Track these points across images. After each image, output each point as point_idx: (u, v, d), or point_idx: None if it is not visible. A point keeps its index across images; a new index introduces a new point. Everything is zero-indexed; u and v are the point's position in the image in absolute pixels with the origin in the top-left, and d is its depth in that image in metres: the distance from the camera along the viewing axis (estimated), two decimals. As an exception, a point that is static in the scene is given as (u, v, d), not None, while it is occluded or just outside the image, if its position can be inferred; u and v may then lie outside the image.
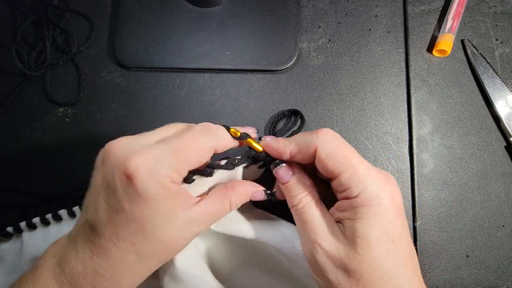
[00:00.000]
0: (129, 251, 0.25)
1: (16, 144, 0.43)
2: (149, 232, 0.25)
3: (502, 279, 0.41)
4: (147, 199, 0.25)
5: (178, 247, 0.27)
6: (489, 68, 0.44)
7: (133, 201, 0.25)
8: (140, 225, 0.25)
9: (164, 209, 0.26)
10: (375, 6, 0.47)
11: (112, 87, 0.44)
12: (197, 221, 0.27)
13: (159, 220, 0.25)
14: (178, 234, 0.27)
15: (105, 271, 0.25)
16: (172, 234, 0.26)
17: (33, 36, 0.45)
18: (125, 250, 0.25)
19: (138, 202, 0.25)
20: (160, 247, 0.26)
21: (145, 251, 0.26)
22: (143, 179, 0.24)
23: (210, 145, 0.28)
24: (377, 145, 0.43)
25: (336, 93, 0.44)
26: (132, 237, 0.25)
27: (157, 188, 0.25)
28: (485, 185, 0.43)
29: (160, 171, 0.25)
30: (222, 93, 0.44)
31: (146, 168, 0.25)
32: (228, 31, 0.45)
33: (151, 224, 0.25)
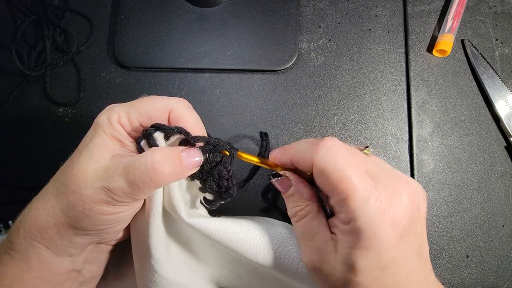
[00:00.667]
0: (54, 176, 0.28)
1: (16, 144, 0.43)
2: (73, 161, 0.27)
3: (502, 279, 0.41)
4: (94, 125, 0.28)
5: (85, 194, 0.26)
6: (489, 68, 0.44)
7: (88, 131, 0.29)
8: (77, 150, 0.28)
9: (97, 139, 0.27)
10: (375, 6, 0.47)
11: (112, 87, 0.44)
12: (112, 172, 0.26)
13: (86, 150, 0.27)
14: (90, 175, 0.26)
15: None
16: (84, 172, 0.26)
17: (33, 36, 0.45)
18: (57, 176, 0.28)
19: (89, 129, 0.29)
20: (71, 181, 0.26)
21: (62, 181, 0.27)
22: (101, 112, 0.28)
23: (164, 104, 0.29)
24: (377, 145, 0.43)
25: (336, 93, 0.44)
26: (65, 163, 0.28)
27: (104, 119, 0.28)
28: (485, 185, 0.43)
29: (114, 109, 0.28)
30: (222, 93, 0.44)
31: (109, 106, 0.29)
32: (228, 31, 0.45)
33: (79, 151, 0.28)
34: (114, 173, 0.26)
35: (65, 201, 0.26)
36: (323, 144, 0.26)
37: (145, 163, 0.25)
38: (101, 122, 0.28)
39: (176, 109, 0.29)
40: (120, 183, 0.25)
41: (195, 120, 0.29)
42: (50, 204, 0.27)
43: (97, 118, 0.28)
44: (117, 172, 0.26)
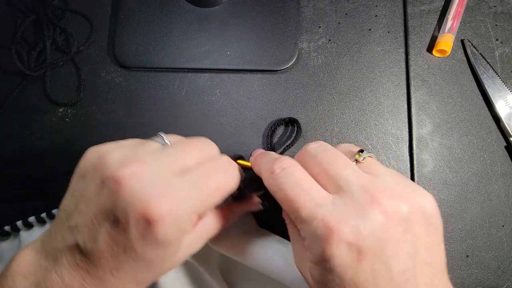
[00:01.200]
0: (129, 281, 0.24)
1: (16, 144, 0.43)
2: (155, 265, 0.24)
3: (502, 279, 0.41)
4: (165, 245, 0.23)
5: (173, 268, 0.26)
6: (489, 68, 0.44)
7: (147, 245, 0.22)
8: (148, 262, 0.23)
9: (176, 246, 0.24)
10: (375, 6, 0.47)
11: (112, 87, 0.44)
12: (196, 242, 0.26)
13: (169, 256, 0.24)
14: (179, 260, 0.26)
15: None
16: (175, 262, 0.25)
17: (33, 36, 0.45)
18: (126, 281, 0.23)
19: (154, 246, 0.22)
20: (160, 273, 0.25)
21: (145, 279, 0.24)
22: (166, 227, 0.22)
23: (232, 185, 0.26)
24: (377, 145, 0.43)
25: (336, 93, 0.44)
26: (136, 269, 0.23)
27: (178, 234, 0.23)
28: (485, 185, 0.43)
29: (184, 217, 0.23)
30: (222, 93, 0.44)
31: (171, 216, 0.22)
32: (228, 31, 0.45)
33: (160, 260, 0.24)
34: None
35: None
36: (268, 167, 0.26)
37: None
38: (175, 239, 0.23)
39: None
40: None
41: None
42: None
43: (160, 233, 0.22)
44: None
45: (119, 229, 0.22)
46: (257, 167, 0.28)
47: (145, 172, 0.23)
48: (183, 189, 0.23)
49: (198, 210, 0.24)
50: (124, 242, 0.22)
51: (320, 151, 0.26)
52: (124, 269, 0.23)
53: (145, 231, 0.22)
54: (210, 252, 0.33)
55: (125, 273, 0.23)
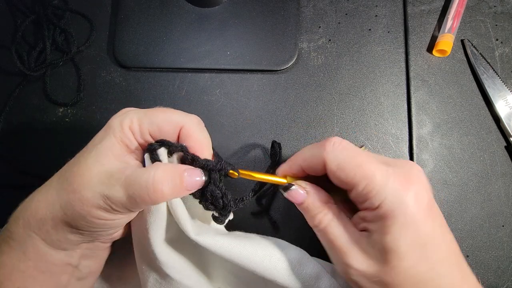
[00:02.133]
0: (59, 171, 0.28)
1: (16, 144, 0.43)
2: (80, 159, 0.27)
3: (502, 279, 0.41)
4: (106, 127, 0.28)
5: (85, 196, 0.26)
6: (489, 68, 0.44)
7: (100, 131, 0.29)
8: (85, 149, 0.28)
9: (107, 142, 0.27)
10: (375, 6, 0.47)
11: (112, 87, 0.44)
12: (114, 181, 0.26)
13: (95, 151, 0.27)
14: (94, 178, 0.26)
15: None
16: (89, 173, 0.26)
17: (33, 36, 0.45)
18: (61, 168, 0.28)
19: (101, 130, 0.29)
20: (75, 179, 0.26)
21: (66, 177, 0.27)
22: (115, 115, 0.29)
23: (176, 119, 0.29)
24: (377, 145, 0.43)
25: (336, 93, 0.44)
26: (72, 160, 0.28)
27: (116, 122, 0.28)
28: (485, 185, 0.43)
29: (127, 114, 0.28)
30: (222, 93, 0.44)
31: (123, 110, 0.29)
32: (228, 31, 0.45)
33: (88, 150, 0.28)
34: (116, 183, 0.26)
35: (66, 198, 0.26)
36: (329, 142, 0.28)
37: (146, 180, 0.25)
38: (113, 125, 0.28)
39: (188, 126, 0.29)
40: (119, 194, 0.26)
41: (204, 139, 0.30)
42: (51, 198, 0.27)
43: (110, 120, 0.29)
44: (119, 182, 0.26)
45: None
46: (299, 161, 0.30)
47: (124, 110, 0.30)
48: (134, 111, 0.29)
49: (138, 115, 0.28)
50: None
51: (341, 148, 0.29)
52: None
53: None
54: (196, 252, 0.32)
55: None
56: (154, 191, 0.25)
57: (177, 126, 0.29)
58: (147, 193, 0.25)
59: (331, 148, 0.27)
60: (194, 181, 0.27)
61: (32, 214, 0.27)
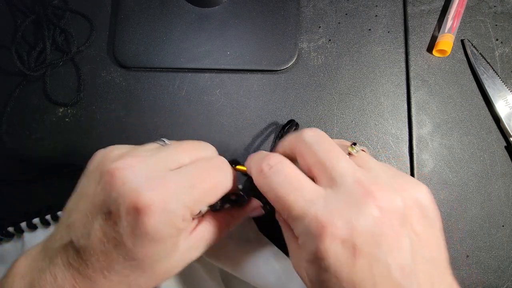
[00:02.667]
0: (120, 284, 0.23)
1: (16, 144, 0.43)
2: (148, 267, 0.23)
3: (502, 279, 0.41)
4: (155, 240, 0.22)
5: (171, 275, 0.25)
6: (489, 68, 0.44)
7: (138, 239, 0.22)
8: (139, 262, 0.23)
9: (169, 246, 0.24)
10: (375, 6, 0.47)
11: (112, 87, 0.44)
12: (195, 248, 0.25)
13: (162, 257, 0.24)
14: (175, 264, 0.25)
15: None
16: (170, 266, 0.24)
17: (33, 36, 0.45)
18: (116, 283, 0.23)
19: (144, 241, 0.22)
20: (155, 278, 0.24)
21: (138, 283, 0.24)
22: (156, 219, 0.22)
23: (226, 185, 0.26)
24: (377, 145, 0.43)
25: (336, 93, 0.44)
26: (127, 271, 0.23)
27: (169, 229, 0.23)
28: (485, 185, 0.43)
29: (175, 211, 0.23)
30: (222, 93, 0.44)
31: (160, 206, 0.22)
32: (228, 31, 0.45)
33: (151, 260, 0.23)
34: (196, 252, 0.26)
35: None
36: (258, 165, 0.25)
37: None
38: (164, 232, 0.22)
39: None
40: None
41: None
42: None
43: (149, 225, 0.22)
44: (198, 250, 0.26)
45: (111, 221, 0.22)
46: (248, 167, 0.28)
47: (139, 164, 0.23)
48: (175, 182, 0.23)
49: (190, 206, 0.23)
50: (115, 236, 0.22)
51: (316, 141, 0.25)
52: (115, 269, 0.22)
53: (135, 221, 0.22)
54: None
55: (116, 274, 0.23)
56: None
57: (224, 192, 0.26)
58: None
59: (258, 174, 0.25)
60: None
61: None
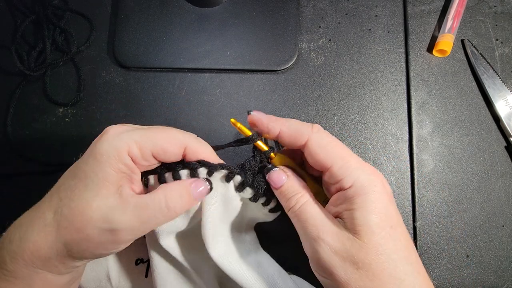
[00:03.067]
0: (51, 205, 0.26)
1: (16, 144, 0.43)
2: (77, 194, 0.26)
3: (502, 279, 0.41)
4: (97, 155, 0.26)
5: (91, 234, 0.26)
6: (489, 68, 0.44)
7: (87, 157, 0.27)
8: (78, 180, 0.26)
9: (103, 173, 0.26)
10: (375, 6, 0.47)
11: (112, 87, 0.44)
12: (121, 212, 0.26)
13: (91, 184, 0.26)
14: (96, 214, 0.25)
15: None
16: (90, 210, 0.25)
17: (33, 36, 0.45)
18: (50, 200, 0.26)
19: (89, 156, 0.26)
20: (76, 218, 0.25)
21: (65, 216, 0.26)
22: (104, 138, 0.26)
23: (180, 138, 0.29)
24: (377, 145, 0.43)
25: (336, 93, 0.44)
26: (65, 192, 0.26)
27: (110, 149, 0.26)
28: (485, 185, 0.43)
29: (122, 138, 0.26)
30: (222, 93, 0.44)
31: (112, 131, 0.27)
32: (228, 31, 0.45)
33: (84, 183, 0.26)
34: (123, 213, 0.26)
35: (69, 237, 0.26)
36: (316, 126, 0.30)
37: (159, 203, 0.26)
38: (108, 153, 0.26)
39: (192, 144, 0.29)
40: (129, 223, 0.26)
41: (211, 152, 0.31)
42: (51, 238, 0.26)
43: (100, 144, 0.26)
44: (127, 212, 0.26)
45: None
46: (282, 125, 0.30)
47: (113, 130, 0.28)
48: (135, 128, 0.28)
49: (137, 138, 0.27)
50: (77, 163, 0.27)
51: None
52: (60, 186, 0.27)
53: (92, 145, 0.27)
54: (207, 260, 0.33)
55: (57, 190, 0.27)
56: (168, 211, 0.26)
57: (182, 146, 0.29)
58: (162, 214, 0.26)
59: (319, 131, 0.30)
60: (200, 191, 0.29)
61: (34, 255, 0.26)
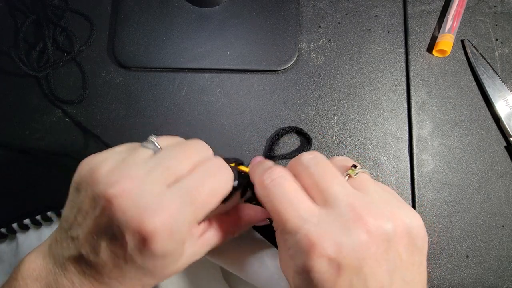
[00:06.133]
0: (135, 285, 0.25)
1: (16, 144, 0.43)
2: (158, 273, 0.25)
3: (502, 279, 0.41)
4: (163, 257, 0.24)
5: (177, 272, 0.27)
6: (489, 68, 0.44)
7: (146, 257, 0.23)
8: (151, 271, 0.24)
9: (177, 255, 0.25)
10: (375, 6, 0.47)
11: (112, 87, 0.44)
12: (200, 252, 0.27)
13: (170, 264, 0.25)
14: (181, 266, 0.26)
15: None
16: (177, 268, 0.26)
17: (34, 36, 0.45)
18: (130, 286, 0.25)
19: (152, 258, 0.23)
20: (164, 278, 0.26)
21: (149, 283, 0.25)
22: (162, 241, 0.23)
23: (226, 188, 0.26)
24: (377, 145, 0.43)
25: (336, 93, 0.44)
26: (140, 276, 0.24)
27: (175, 245, 0.24)
28: (485, 185, 0.43)
29: (179, 230, 0.23)
30: (222, 93, 0.44)
31: (165, 230, 0.22)
32: (228, 31, 0.45)
33: (161, 268, 0.25)
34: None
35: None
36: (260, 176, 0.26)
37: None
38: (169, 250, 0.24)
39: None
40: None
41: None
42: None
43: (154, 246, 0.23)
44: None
45: (117, 244, 0.23)
46: (252, 176, 0.29)
47: (135, 189, 0.23)
48: (175, 201, 0.23)
49: (193, 220, 0.24)
50: (124, 256, 0.23)
51: (313, 164, 0.26)
52: (128, 276, 0.24)
53: (142, 246, 0.22)
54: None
55: (130, 279, 0.24)
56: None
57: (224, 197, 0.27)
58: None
59: (259, 183, 0.26)
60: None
61: None
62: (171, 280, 0.33)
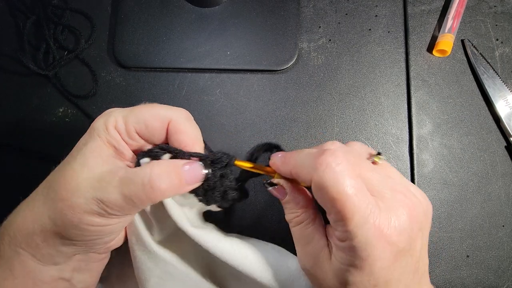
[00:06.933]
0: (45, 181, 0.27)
1: (16, 144, 0.43)
2: (66, 166, 0.26)
3: (502, 279, 0.41)
4: (90, 129, 0.27)
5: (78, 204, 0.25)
6: (489, 68, 0.44)
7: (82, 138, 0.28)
8: (70, 154, 0.27)
9: (92, 143, 0.27)
10: (375, 6, 0.47)
11: (112, 87, 0.44)
12: (106, 183, 0.25)
13: (80, 155, 0.26)
14: (82, 183, 0.25)
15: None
16: (76, 179, 0.25)
17: (34, 36, 0.45)
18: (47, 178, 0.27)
19: (85, 134, 0.28)
20: (61, 187, 0.25)
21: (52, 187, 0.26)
22: (99, 116, 0.28)
23: (162, 113, 0.28)
24: (377, 145, 0.43)
25: (336, 93, 0.44)
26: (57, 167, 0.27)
27: (100, 123, 0.27)
28: (485, 185, 0.43)
29: (111, 113, 0.28)
30: (222, 93, 0.44)
31: (107, 110, 0.28)
32: (228, 31, 0.45)
33: (72, 156, 0.27)
34: (108, 185, 0.25)
35: (54, 208, 0.25)
36: (322, 160, 0.24)
37: (142, 178, 0.25)
38: (97, 126, 0.27)
39: (176, 120, 0.28)
40: (114, 196, 0.25)
41: (194, 133, 0.29)
42: (38, 210, 0.25)
43: (94, 122, 0.28)
44: (112, 184, 0.25)
45: None
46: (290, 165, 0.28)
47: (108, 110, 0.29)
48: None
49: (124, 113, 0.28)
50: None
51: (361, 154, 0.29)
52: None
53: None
54: (195, 249, 0.32)
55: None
56: (152, 188, 0.25)
57: (165, 121, 0.28)
58: (144, 191, 0.25)
59: (322, 168, 0.24)
60: (194, 176, 0.27)
61: (19, 229, 0.25)
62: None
